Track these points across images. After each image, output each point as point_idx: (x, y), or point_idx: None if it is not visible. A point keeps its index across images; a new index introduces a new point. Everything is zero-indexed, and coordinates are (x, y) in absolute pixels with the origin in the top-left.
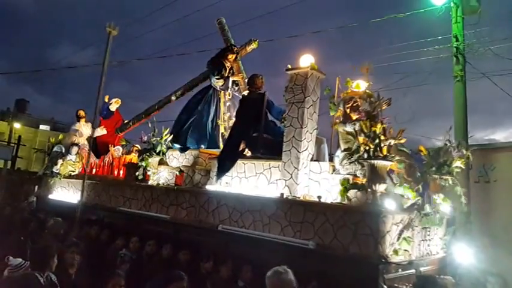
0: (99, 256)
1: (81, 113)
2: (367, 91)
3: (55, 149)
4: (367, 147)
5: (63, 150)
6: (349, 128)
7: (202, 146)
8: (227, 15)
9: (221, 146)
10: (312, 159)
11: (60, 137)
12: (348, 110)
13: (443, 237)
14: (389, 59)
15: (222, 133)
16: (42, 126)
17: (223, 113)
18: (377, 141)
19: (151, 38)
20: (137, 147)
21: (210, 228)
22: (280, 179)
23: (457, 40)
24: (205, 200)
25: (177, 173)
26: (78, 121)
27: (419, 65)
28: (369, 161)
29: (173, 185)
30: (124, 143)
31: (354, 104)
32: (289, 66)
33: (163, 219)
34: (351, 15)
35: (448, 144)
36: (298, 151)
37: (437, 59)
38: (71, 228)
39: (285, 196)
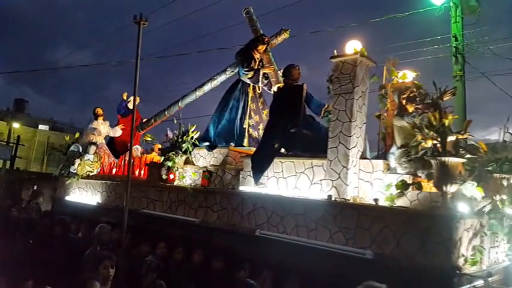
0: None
1: (99, 110)
2: (416, 82)
3: (72, 148)
4: (435, 143)
5: (81, 150)
6: (407, 121)
7: (232, 144)
8: (227, 15)
9: (246, 143)
10: (361, 157)
11: (77, 135)
12: (403, 102)
13: (508, 243)
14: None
15: (249, 132)
16: (41, 126)
17: (252, 109)
18: (446, 135)
19: (150, 38)
20: (158, 145)
21: (245, 233)
22: (325, 179)
23: (456, 40)
24: (239, 202)
25: (208, 173)
26: (96, 119)
27: (419, 64)
28: (439, 158)
29: (200, 185)
30: (150, 139)
31: (411, 95)
32: (335, 53)
33: (191, 223)
34: (350, 15)
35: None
36: (346, 148)
37: (436, 58)
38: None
39: (333, 198)
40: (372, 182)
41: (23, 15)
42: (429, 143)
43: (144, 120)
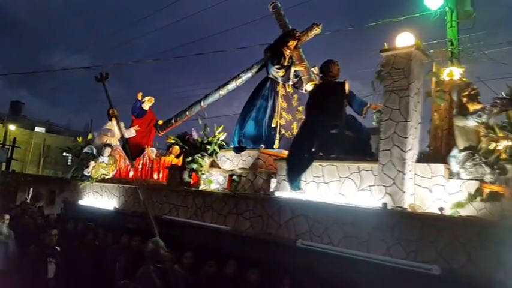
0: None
1: (113, 111)
2: (464, 79)
3: (85, 150)
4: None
5: (95, 152)
6: (472, 121)
7: (263, 145)
8: (224, 18)
9: (277, 145)
10: (417, 160)
11: (89, 136)
12: (464, 100)
13: None
14: None
15: (281, 132)
16: (37, 128)
17: (283, 108)
18: None
19: (147, 40)
20: (176, 147)
21: (284, 243)
22: (376, 185)
23: (452, 44)
24: (276, 209)
25: (235, 177)
26: (110, 120)
27: None
28: None
29: (225, 189)
30: (173, 141)
31: (472, 92)
32: (386, 46)
33: (221, 231)
34: (346, 18)
35: None
36: (402, 150)
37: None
38: (110, 239)
39: (388, 206)
40: (431, 188)
41: (18, 19)
42: (504, 145)
43: (159, 122)
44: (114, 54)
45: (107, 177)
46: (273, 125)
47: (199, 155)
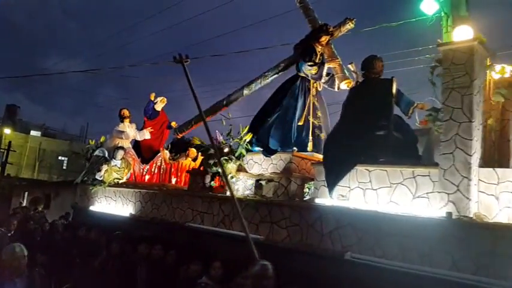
0: (168, 284)
1: (126, 112)
2: None
3: (97, 152)
4: None
5: (106, 155)
6: None
7: (295, 148)
8: (221, 21)
9: (310, 147)
10: (480, 165)
11: (102, 139)
12: None
13: None
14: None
15: (316, 134)
16: (33, 132)
17: (316, 108)
18: None
19: (142, 44)
20: (193, 150)
21: (328, 255)
22: (435, 192)
23: None
24: (316, 217)
25: (263, 182)
26: (122, 121)
27: (411, 72)
28: None
29: (255, 196)
30: (199, 142)
31: None
32: (439, 41)
33: (253, 241)
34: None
35: None
36: (467, 154)
37: (428, 67)
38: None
39: (453, 216)
40: (498, 195)
41: (14, 22)
42: None
43: (172, 124)
44: (110, 58)
45: (120, 181)
46: (304, 125)
47: (226, 157)
